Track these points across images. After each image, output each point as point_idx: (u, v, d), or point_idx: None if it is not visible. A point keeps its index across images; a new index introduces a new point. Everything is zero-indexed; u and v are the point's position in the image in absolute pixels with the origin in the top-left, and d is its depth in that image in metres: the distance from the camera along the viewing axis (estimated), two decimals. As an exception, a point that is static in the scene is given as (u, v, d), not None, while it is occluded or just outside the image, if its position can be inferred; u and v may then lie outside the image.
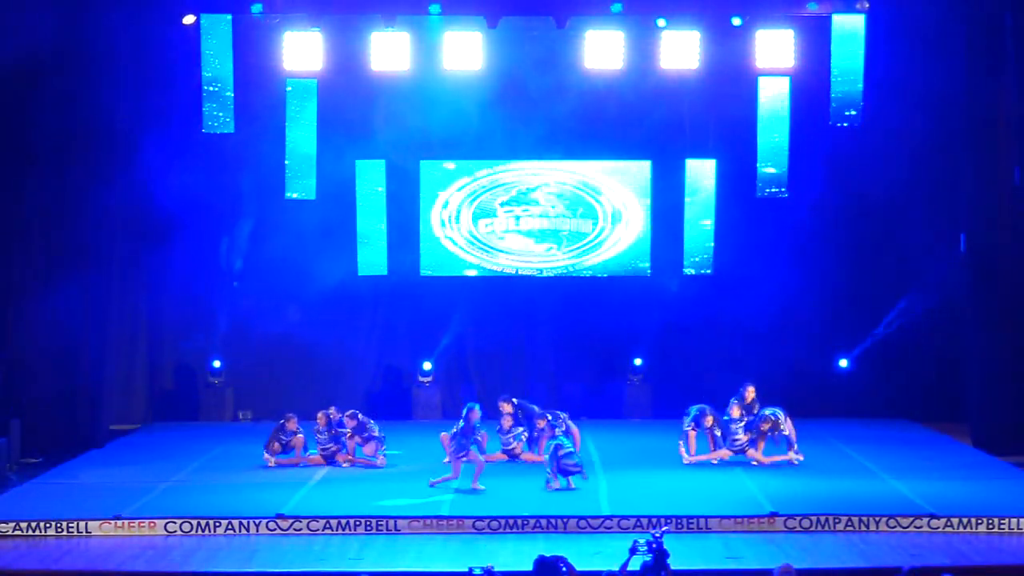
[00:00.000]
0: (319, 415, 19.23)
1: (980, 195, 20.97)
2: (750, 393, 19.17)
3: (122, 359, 22.71)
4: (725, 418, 19.00)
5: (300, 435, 19.22)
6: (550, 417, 18.90)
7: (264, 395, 23.34)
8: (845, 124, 22.38)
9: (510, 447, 19.34)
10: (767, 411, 18.83)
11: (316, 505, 16.43)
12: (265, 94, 22.58)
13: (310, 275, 22.57)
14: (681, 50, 22.04)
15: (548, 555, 10.89)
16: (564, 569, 10.89)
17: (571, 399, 23.19)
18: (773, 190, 22.85)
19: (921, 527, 15.58)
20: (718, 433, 19.02)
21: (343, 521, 15.71)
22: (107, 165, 20.92)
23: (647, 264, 23.35)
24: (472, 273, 23.31)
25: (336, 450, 19.21)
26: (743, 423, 18.91)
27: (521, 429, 19.33)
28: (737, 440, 18.94)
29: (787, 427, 18.80)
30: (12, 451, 19.39)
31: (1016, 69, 20.42)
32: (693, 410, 19.03)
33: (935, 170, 22.25)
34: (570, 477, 17.43)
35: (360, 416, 19.19)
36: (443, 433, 18.39)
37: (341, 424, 19.23)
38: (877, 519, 15.64)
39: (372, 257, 23.22)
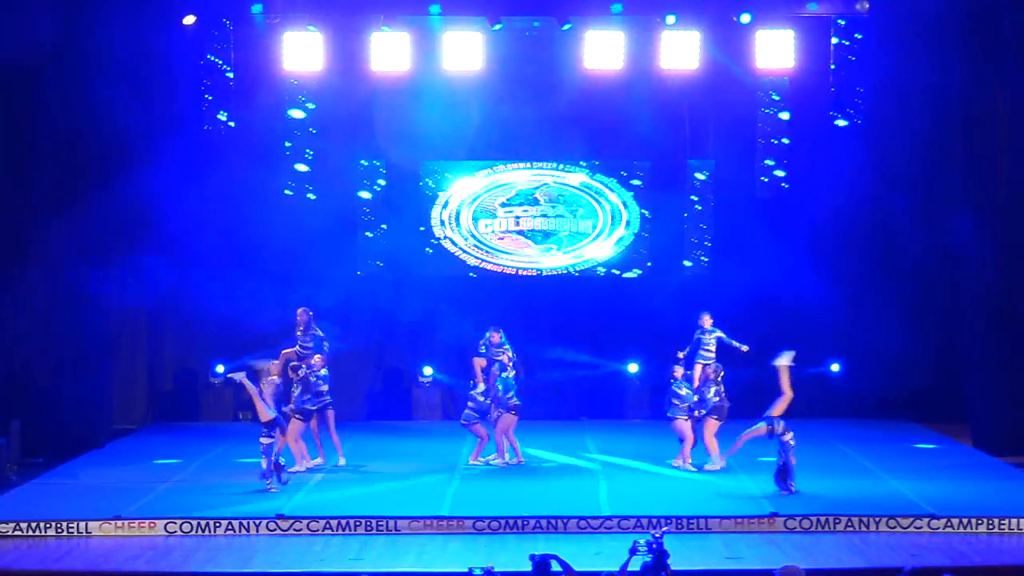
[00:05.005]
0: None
1: (980, 194, 20.96)
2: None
3: (122, 359, 22.69)
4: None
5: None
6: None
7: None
8: (845, 123, 22.38)
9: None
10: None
11: (316, 505, 16.41)
12: (265, 94, 22.58)
13: (310, 275, 22.54)
14: (681, 50, 22.08)
15: (538, 554, 10.89)
16: (561, 569, 10.89)
17: (571, 399, 23.21)
18: (773, 190, 22.86)
19: (921, 527, 15.58)
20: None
21: (343, 521, 15.70)
22: (107, 165, 20.90)
23: (647, 264, 23.34)
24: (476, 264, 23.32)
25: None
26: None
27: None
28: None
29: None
30: (12, 451, 19.39)
31: (1015, 68, 20.41)
32: None
33: (934, 170, 22.23)
34: None
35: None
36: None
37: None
38: (877, 519, 15.65)
39: (372, 257, 23.24)
